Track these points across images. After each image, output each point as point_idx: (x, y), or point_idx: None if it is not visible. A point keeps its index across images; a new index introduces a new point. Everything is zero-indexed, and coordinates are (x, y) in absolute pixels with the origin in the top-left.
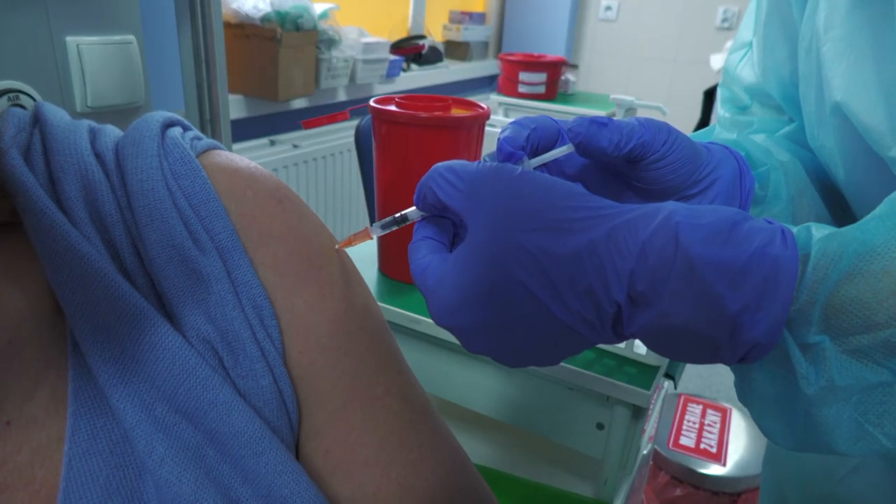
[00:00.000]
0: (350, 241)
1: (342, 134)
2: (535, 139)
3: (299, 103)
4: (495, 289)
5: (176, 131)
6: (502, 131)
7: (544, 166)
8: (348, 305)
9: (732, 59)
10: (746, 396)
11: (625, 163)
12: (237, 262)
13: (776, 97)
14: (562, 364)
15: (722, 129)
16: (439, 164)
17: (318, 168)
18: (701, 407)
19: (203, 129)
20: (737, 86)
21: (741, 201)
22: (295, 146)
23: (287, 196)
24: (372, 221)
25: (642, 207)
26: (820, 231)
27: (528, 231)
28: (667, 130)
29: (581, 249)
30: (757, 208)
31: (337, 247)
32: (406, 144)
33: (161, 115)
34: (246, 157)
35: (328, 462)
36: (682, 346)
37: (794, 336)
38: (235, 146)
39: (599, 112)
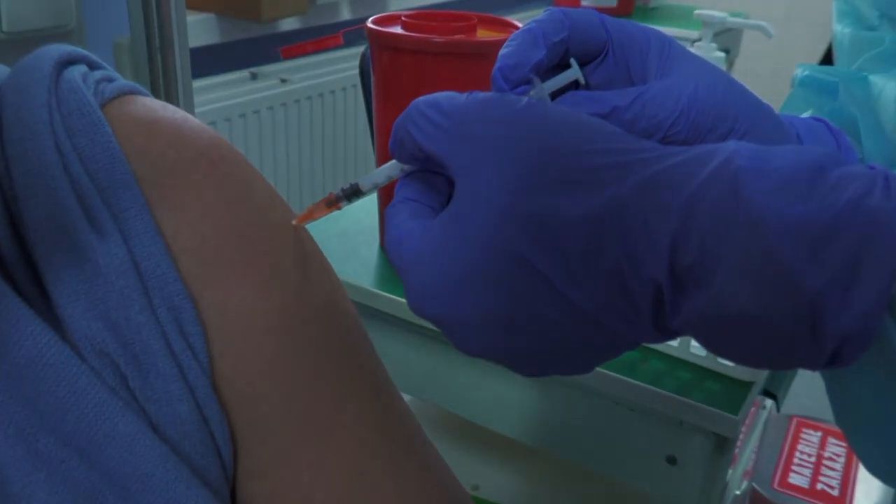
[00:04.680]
0: (311, 214)
1: (344, 64)
2: (557, 55)
3: (289, 24)
4: (491, 267)
5: (76, 71)
6: (505, 45)
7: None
8: (304, 303)
9: None
10: (842, 416)
11: None
12: (148, 248)
13: None
14: (618, 376)
15: (838, 51)
16: (420, 98)
17: (314, 109)
18: (820, 434)
19: (152, 61)
20: None
21: None
22: (283, 81)
23: (224, 156)
24: None
25: (693, 149)
26: None
27: (535, 187)
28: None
29: (603, 210)
30: None
31: (294, 222)
32: (415, 79)
33: (57, 49)
34: (220, 94)
35: None
36: (746, 345)
37: None
38: (205, 81)
39: (691, 32)
